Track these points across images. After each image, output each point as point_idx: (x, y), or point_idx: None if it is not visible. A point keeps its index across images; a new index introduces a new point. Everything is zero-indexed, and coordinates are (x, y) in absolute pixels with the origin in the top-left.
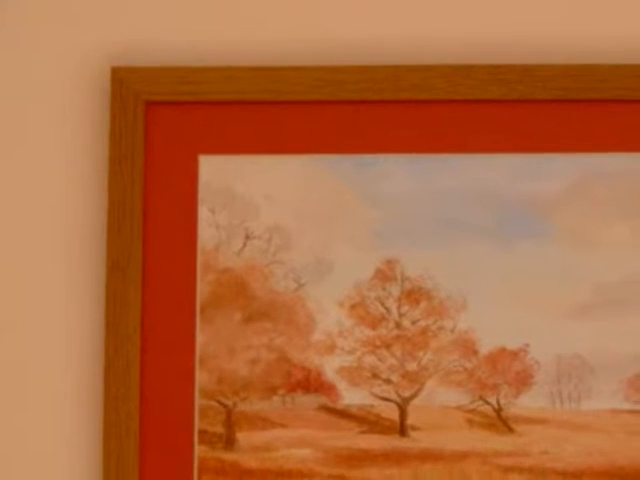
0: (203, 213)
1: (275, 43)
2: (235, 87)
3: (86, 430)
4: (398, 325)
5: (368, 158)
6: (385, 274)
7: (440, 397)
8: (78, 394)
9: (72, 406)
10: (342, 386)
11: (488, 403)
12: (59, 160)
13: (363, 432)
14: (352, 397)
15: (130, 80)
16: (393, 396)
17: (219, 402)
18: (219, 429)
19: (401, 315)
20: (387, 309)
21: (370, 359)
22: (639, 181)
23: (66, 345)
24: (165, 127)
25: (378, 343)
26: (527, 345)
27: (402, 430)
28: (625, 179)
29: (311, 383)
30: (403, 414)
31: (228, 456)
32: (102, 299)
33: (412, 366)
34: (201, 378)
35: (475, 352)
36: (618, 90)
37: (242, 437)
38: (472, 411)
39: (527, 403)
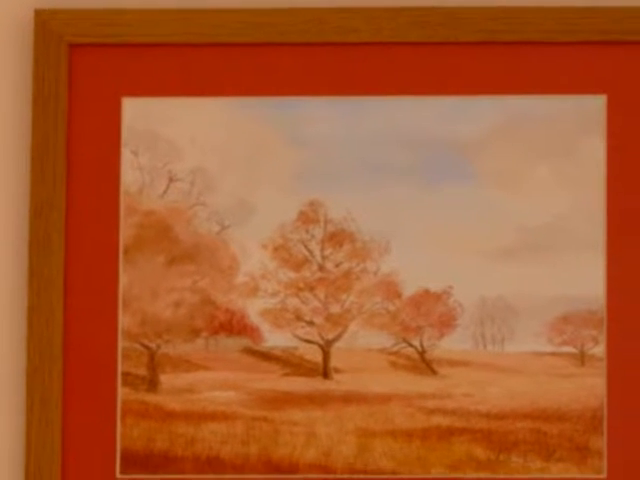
0: (126, 156)
1: None
2: (158, 29)
3: (9, 373)
4: (321, 268)
5: (292, 101)
6: (308, 216)
7: (363, 339)
8: (1, 337)
9: None
10: (265, 328)
11: (411, 345)
12: None
13: (286, 374)
14: (275, 339)
15: (53, 22)
16: (316, 338)
17: (142, 344)
18: (142, 371)
19: (324, 258)
20: (310, 252)
21: (293, 301)
22: (563, 124)
23: None
24: (88, 70)
25: (301, 285)
26: (450, 287)
27: (325, 372)
28: (549, 122)
29: (234, 325)
30: (326, 356)
31: (151, 398)
32: (25, 242)
33: (335, 308)
34: (124, 321)
35: (398, 295)
36: (541, 33)
37: (165, 379)
38: (395, 353)
39: (450, 345)
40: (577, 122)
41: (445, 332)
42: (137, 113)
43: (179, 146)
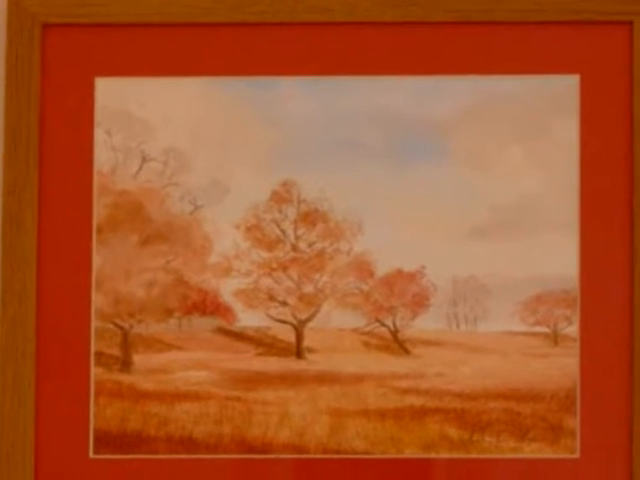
0: (99, 135)
1: None
2: (132, 9)
3: None
4: (294, 247)
5: (265, 80)
6: (281, 196)
7: (336, 319)
8: None
9: None
10: (238, 308)
11: (384, 325)
12: None
13: (259, 354)
14: (248, 319)
15: (26, 2)
16: (289, 318)
17: (115, 324)
18: (115, 351)
19: (297, 237)
20: (283, 231)
21: (266, 281)
22: (534, 103)
23: None
24: (61, 49)
25: (274, 265)
26: (423, 267)
27: (298, 352)
28: (522, 101)
29: (207, 305)
30: (299, 336)
31: (124, 378)
32: None
33: (308, 288)
34: (97, 300)
35: (371, 274)
36: (514, 12)
37: (138, 359)
38: (368, 333)
39: (423, 325)
40: (550, 102)
41: (418, 312)
42: (110, 93)
43: (152, 126)
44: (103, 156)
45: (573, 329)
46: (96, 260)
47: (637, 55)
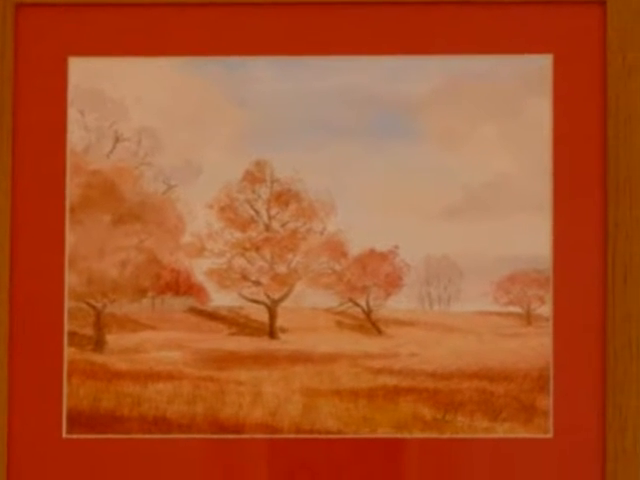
0: (73, 115)
1: None
2: None
3: None
4: (267, 227)
5: (238, 60)
6: (254, 176)
7: (309, 299)
8: None
9: None
10: (211, 288)
11: (358, 305)
12: None
13: (232, 334)
14: (221, 299)
15: None
16: (262, 298)
17: (89, 304)
18: (89, 331)
19: (270, 217)
20: (256, 211)
21: (239, 261)
22: (507, 83)
23: None
24: (35, 29)
25: (247, 245)
26: (396, 247)
27: (271, 332)
28: (495, 81)
29: (180, 285)
30: (272, 316)
31: (97, 358)
32: None
33: (281, 268)
34: (70, 280)
35: (344, 254)
36: None
37: (111, 339)
38: (341, 313)
39: (396, 305)
40: (523, 82)
41: (391, 292)
42: (84, 73)
43: (125, 106)
44: (76, 136)
45: (546, 309)
46: (69, 239)
47: (610, 35)
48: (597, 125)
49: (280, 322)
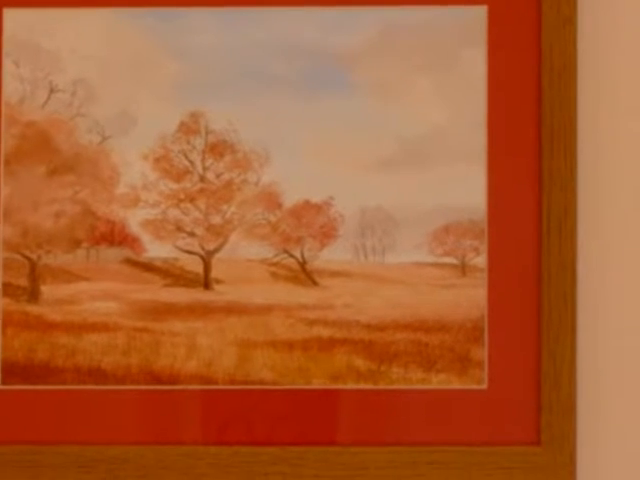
0: (7, 66)
1: None
2: None
3: None
4: (202, 178)
5: (173, 11)
6: (189, 127)
7: (244, 250)
8: None
9: None
10: (146, 239)
11: (292, 256)
12: None
13: (167, 285)
14: (156, 250)
15: None
16: (197, 249)
17: (23, 255)
18: (23, 282)
19: (205, 168)
20: (191, 162)
21: (174, 212)
22: (442, 34)
23: None
24: None
25: (182, 196)
26: (331, 198)
27: (206, 283)
28: (429, 32)
29: (115, 236)
30: (207, 267)
31: (32, 309)
32: None
33: (216, 219)
34: (5, 231)
35: (279, 205)
36: None
37: (46, 290)
38: (276, 264)
39: (331, 256)
40: (457, 33)
41: (326, 243)
42: (18, 24)
43: (60, 57)
44: (11, 87)
45: (481, 260)
46: (4, 191)
47: None
48: (532, 76)
49: (215, 273)
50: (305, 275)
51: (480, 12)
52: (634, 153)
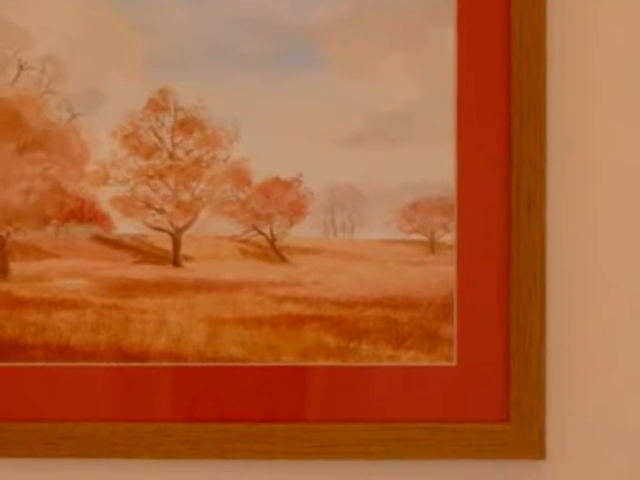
0: None
1: None
2: None
3: None
4: (171, 155)
5: None
6: (158, 104)
7: (213, 227)
8: None
9: None
10: (115, 216)
11: (262, 233)
12: None
13: (137, 262)
14: (126, 227)
15: None
16: (166, 226)
17: None
18: None
19: (174, 145)
20: (160, 139)
21: (143, 189)
22: (412, 11)
23: None
24: None
25: (151, 173)
26: (300, 175)
27: (175, 260)
28: (398, 9)
29: (85, 213)
30: (176, 244)
31: (1, 286)
32: None
33: (185, 196)
34: None
35: (248, 182)
36: None
37: (15, 267)
38: (245, 241)
39: (300, 233)
40: (427, 10)
41: (295, 220)
42: None
43: (30, 34)
44: None
45: (450, 237)
46: None
47: None
48: (501, 53)
49: (184, 250)
50: (274, 252)
51: None
52: (603, 131)
